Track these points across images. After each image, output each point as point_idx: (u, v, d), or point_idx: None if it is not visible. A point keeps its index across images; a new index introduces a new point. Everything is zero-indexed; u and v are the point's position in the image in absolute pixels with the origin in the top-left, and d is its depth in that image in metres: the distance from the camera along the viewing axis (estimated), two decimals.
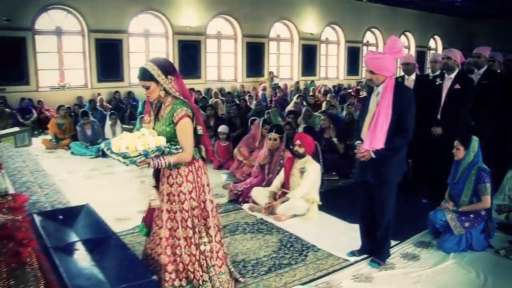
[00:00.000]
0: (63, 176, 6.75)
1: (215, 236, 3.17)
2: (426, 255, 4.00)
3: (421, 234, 4.41)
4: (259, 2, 15.97)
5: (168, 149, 2.83)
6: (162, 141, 2.81)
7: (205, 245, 3.11)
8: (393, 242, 4.14)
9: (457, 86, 4.97)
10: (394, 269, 3.73)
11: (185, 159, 2.97)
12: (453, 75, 5.02)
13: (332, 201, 5.25)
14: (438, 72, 5.71)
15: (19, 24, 11.56)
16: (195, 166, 3.08)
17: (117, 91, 13.03)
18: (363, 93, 12.10)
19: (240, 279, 3.46)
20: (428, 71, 7.13)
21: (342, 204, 5.14)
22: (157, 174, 3.12)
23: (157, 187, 3.10)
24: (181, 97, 3.01)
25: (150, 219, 3.20)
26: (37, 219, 3.68)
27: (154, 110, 3.13)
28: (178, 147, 2.90)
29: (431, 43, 23.89)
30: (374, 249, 3.88)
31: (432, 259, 3.92)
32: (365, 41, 20.44)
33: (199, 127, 3.06)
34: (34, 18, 11.93)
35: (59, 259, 2.87)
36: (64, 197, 5.60)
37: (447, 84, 5.06)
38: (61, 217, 3.91)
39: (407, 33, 21.95)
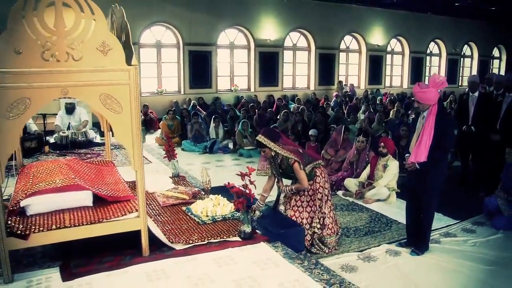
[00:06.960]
0: (185, 166, 8.48)
1: (330, 212, 4.72)
2: (481, 230, 5.36)
3: (478, 217, 5.76)
4: (331, 17, 17.45)
5: (231, 217, 4.45)
6: (226, 210, 4.47)
7: (323, 219, 4.65)
8: (454, 221, 5.60)
9: None
10: (457, 237, 5.15)
11: (302, 188, 4.57)
12: None
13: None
14: (501, 91, 7.00)
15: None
16: (320, 172, 4.70)
17: (200, 97, 14.68)
18: (412, 116, 13.20)
19: None
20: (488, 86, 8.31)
21: None
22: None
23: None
24: (287, 150, 4.54)
25: None
26: None
27: (271, 161, 4.70)
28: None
29: (495, 52, 24.47)
30: (416, 242, 4.70)
31: (485, 233, 5.27)
32: (428, 52, 21.42)
33: (307, 167, 4.56)
34: (140, 33, 14.02)
35: None
36: (198, 180, 7.25)
37: (507, 101, 6.43)
38: None
39: (470, 43, 22.73)
